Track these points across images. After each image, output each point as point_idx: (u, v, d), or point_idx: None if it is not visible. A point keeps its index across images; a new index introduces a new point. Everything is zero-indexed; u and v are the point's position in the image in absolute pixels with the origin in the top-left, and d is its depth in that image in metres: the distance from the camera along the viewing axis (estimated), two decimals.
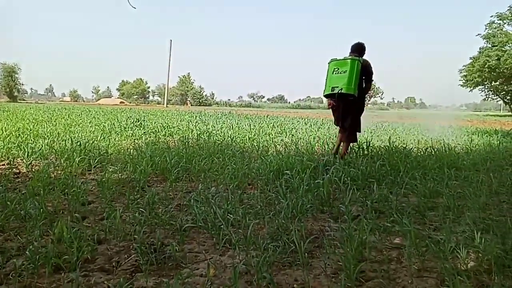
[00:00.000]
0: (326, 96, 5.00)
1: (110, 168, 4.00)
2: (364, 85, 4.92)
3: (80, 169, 4.03)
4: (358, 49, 4.98)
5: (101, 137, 6.51)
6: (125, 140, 6.59)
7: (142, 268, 1.83)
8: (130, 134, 7.26)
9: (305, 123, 12.71)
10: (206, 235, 2.28)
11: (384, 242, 2.21)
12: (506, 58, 41.08)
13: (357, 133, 5.16)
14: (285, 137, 7.65)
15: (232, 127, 9.65)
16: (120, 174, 3.75)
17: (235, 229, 2.31)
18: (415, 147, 6.00)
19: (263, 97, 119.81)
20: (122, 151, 5.13)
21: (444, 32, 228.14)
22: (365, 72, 4.82)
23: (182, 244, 2.14)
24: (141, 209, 2.62)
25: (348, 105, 4.81)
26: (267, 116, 16.89)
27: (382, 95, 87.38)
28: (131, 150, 5.06)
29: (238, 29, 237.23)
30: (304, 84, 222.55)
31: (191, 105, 65.37)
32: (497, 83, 46.72)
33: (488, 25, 45.96)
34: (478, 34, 46.62)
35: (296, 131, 8.98)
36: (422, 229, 2.40)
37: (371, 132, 9.36)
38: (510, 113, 50.77)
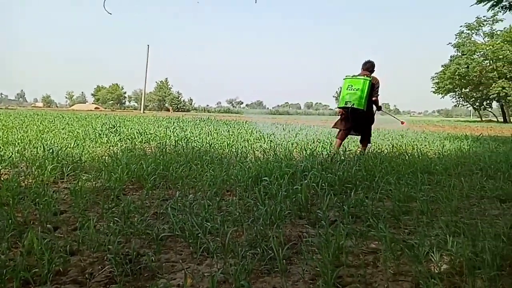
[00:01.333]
0: (340, 108, 6.06)
1: (84, 176, 3.89)
2: (373, 99, 5.89)
3: (52, 177, 3.90)
4: (369, 67, 5.97)
5: (74, 144, 6.33)
6: (100, 147, 6.44)
7: (117, 280, 1.78)
8: (105, 141, 7.10)
9: (283, 129, 12.80)
10: (184, 244, 2.24)
11: (361, 247, 2.24)
12: (474, 66, 42.92)
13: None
14: (264, 143, 7.68)
15: (211, 133, 9.60)
16: (94, 182, 3.65)
17: (213, 237, 2.29)
18: (389, 153, 6.14)
19: (242, 102, 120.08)
20: (97, 158, 5.00)
21: (418, 40, 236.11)
22: (373, 89, 5.78)
23: (158, 253, 2.10)
24: (116, 218, 2.55)
25: (358, 117, 5.88)
26: (245, 122, 16.90)
27: None
28: (106, 158, 4.94)
29: (216, 35, 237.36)
30: (282, 90, 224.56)
31: (174, 111, 64.48)
32: (467, 90, 48.71)
33: (458, 34, 47.95)
34: (449, 43, 48.57)
35: (274, 137, 9.03)
36: (397, 233, 2.45)
37: (348, 138, 9.52)
38: (479, 119, 52.89)
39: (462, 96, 50.76)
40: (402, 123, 8.40)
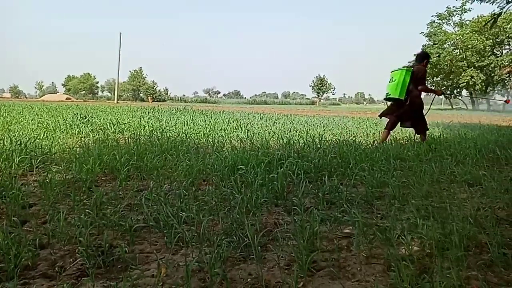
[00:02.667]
0: (384, 99, 6.37)
1: (54, 168, 3.76)
2: (419, 88, 6.06)
3: (20, 170, 3.75)
4: (418, 57, 6.29)
5: (44, 135, 6.09)
6: (71, 138, 6.24)
7: (89, 272, 1.73)
8: (77, 132, 6.89)
9: (260, 118, 12.81)
10: (158, 234, 2.21)
11: (335, 232, 2.28)
12: (445, 55, 44.15)
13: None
14: (241, 132, 7.65)
15: (187, 123, 9.48)
16: (65, 174, 3.53)
17: (189, 227, 2.26)
18: (364, 140, 6.26)
19: (219, 92, 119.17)
20: (68, 149, 4.84)
21: (391, 30, 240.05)
22: (415, 78, 5.95)
23: (132, 245, 2.07)
24: (87, 210, 2.48)
25: (401, 107, 6.08)
26: (222, 112, 16.80)
27: (334, 90, 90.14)
28: (77, 149, 4.79)
29: (192, 24, 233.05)
30: (260, 79, 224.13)
31: (153, 101, 62.84)
32: (438, 78, 50.11)
33: (430, 24, 49.08)
34: (421, 33, 49.68)
35: (251, 126, 9.02)
36: (370, 218, 2.51)
37: (324, 127, 9.64)
38: (450, 107, 54.69)
39: (433, 84, 52.27)
40: (507, 101, 8.24)
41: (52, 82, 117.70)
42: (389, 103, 6.44)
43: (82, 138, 6.10)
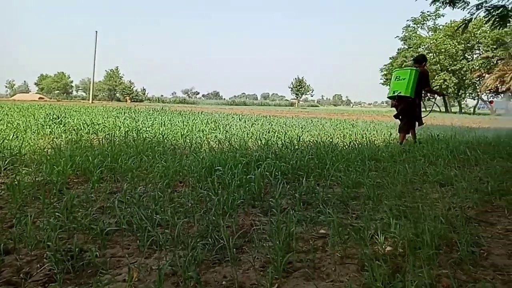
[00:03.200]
0: (389, 97, 6.57)
1: (23, 170, 3.62)
2: (422, 88, 6.37)
3: None
4: (420, 60, 6.57)
5: (14, 136, 5.86)
6: (42, 139, 6.03)
7: (56, 278, 1.66)
8: (49, 132, 6.66)
9: (239, 119, 12.78)
10: (131, 238, 2.15)
11: (311, 232, 2.29)
12: None
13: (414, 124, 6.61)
14: (219, 133, 7.61)
15: (164, 123, 9.35)
16: (34, 176, 3.41)
17: (163, 230, 2.22)
18: (340, 141, 6.35)
19: (198, 93, 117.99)
20: (38, 151, 4.67)
21: (368, 33, 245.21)
22: (421, 79, 6.19)
23: (103, 249, 2.00)
24: (57, 214, 2.39)
25: (407, 105, 6.29)
26: (201, 113, 16.67)
27: (312, 92, 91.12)
28: (49, 150, 4.63)
29: (171, 24, 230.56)
30: (239, 80, 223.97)
31: (132, 101, 61.22)
32: None
33: (405, 28, 50.38)
34: (397, 36, 50.91)
35: (230, 128, 8.99)
36: (345, 218, 2.53)
37: (302, 128, 9.72)
38: (424, 109, 56.20)
39: None
40: (491, 102, 8.62)
41: (24, 81, 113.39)
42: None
43: (54, 139, 5.90)
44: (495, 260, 1.93)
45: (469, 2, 7.39)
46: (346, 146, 5.47)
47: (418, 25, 49.85)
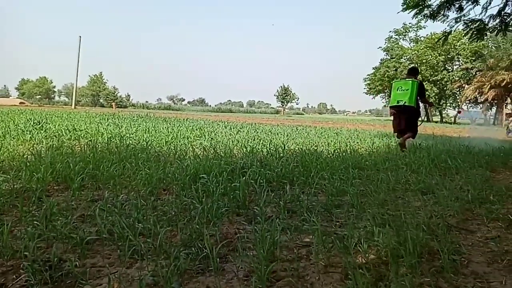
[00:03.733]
0: (391, 107, 6.91)
1: (1, 177, 3.50)
2: (420, 99, 6.82)
3: None
4: (414, 72, 7.09)
5: None
6: (22, 145, 5.87)
7: None
8: (29, 138, 6.49)
9: (225, 126, 12.76)
10: (112, 247, 2.10)
11: (295, 241, 2.28)
12: (402, 70, 46.41)
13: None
14: (204, 140, 7.57)
15: (148, 130, 9.24)
16: (13, 183, 3.30)
17: (145, 239, 2.18)
18: (325, 149, 6.40)
19: (183, 99, 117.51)
20: (18, 157, 4.55)
21: (352, 44, 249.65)
22: (420, 90, 6.69)
23: (83, 258, 1.95)
24: (36, 222, 2.32)
25: (410, 114, 6.77)
26: (186, 119, 16.58)
27: (297, 100, 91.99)
28: (29, 156, 4.51)
29: (156, 29, 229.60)
30: (225, 87, 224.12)
31: (118, 107, 59.96)
32: None
33: (387, 39, 51.54)
34: (379, 47, 52.05)
35: (215, 135, 8.95)
36: (329, 226, 2.54)
37: (287, 136, 9.76)
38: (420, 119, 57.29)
39: (391, 96, 54.57)
40: (459, 112, 9.06)
41: (4, 86, 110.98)
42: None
43: (35, 145, 5.75)
44: (475, 268, 1.96)
45: (449, 16, 7.63)
46: (331, 154, 5.51)
47: (400, 37, 51.12)
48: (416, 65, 45.72)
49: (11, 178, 3.45)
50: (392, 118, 7.15)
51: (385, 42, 51.52)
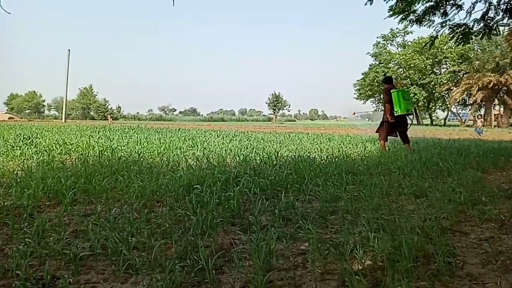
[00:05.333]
0: (401, 114, 7.36)
1: None
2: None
3: None
4: (391, 80, 7.95)
5: None
6: (12, 161, 5.79)
7: None
8: (19, 154, 6.41)
9: (217, 135, 12.75)
10: (106, 262, 2.07)
11: (291, 249, 2.27)
12: (391, 74, 46.95)
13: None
14: (197, 150, 7.55)
15: (140, 142, 9.19)
16: (3, 201, 3.25)
17: (139, 253, 2.15)
18: (318, 155, 6.42)
19: (175, 110, 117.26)
20: (8, 173, 4.48)
21: (341, 50, 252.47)
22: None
23: (77, 275, 1.92)
24: (28, 239, 2.29)
25: (405, 120, 7.63)
26: (178, 130, 16.53)
27: (289, 107, 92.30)
28: (19, 172, 4.45)
29: (145, 40, 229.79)
30: (216, 96, 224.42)
31: (113, 120, 59.07)
32: None
33: (375, 45, 52.18)
34: (368, 53, 52.63)
35: (208, 144, 8.93)
36: (324, 233, 2.54)
37: (280, 143, 9.78)
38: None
39: (381, 101, 55.08)
40: (353, 113, 9.40)
41: None
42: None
43: (25, 161, 5.68)
44: (471, 270, 1.97)
45: (434, 21, 7.76)
46: (324, 160, 5.53)
47: (388, 42, 51.76)
48: (404, 69, 46.39)
49: (1, 195, 3.41)
50: (385, 122, 7.58)
51: (373, 48, 52.20)
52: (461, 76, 43.38)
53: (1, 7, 3.46)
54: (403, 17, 7.75)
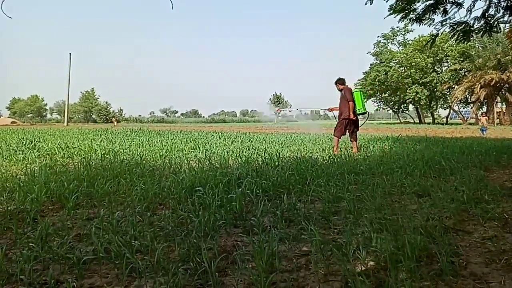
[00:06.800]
0: (361, 113, 8.02)
1: None
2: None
3: None
4: (343, 80, 8.24)
5: None
6: (14, 165, 5.82)
7: None
8: (22, 158, 6.43)
9: (219, 137, 12.76)
10: (109, 266, 2.08)
11: (294, 251, 2.27)
12: (392, 73, 46.88)
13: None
14: (199, 152, 7.56)
15: (142, 144, 9.21)
16: (7, 205, 3.27)
17: (142, 256, 2.16)
18: (320, 156, 6.42)
19: (176, 112, 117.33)
20: (10, 178, 4.50)
21: (341, 50, 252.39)
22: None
23: (81, 279, 1.92)
24: (31, 244, 2.30)
25: (358, 119, 8.14)
26: (180, 132, 16.56)
27: (290, 108, 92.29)
28: (22, 176, 4.47)
29: (146, 42, 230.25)
30: (217, 97, 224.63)
31: (118, 122, 59.13)
32: (386, 94, 52.96)
33: (376, 44, 52.13)
34: (368, 52, 52.59)
35: (210, 146, 8.94)
36: (327, 234, 2.54)
37: (281, 144, 9.78)
38: (398, 121, 57.88)
39: (382, 100, 55.09)
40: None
41: None
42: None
43: (28, 165, 5.70)
44: (474, 269, 1.97)
45: (434, 19, 7.75)
46: (326, 161, 5.53)
47: (389, 41, 51.73)
48: (405, 68, 46.28)
49: (4, 200, 3.42)
50: (349, 119, 7.94)
51: (374, 47, 52.16)
52: (463, 74, 43.27)
53: (2, 12, 3.47)
54: (403, 15, 7.74)
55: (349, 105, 7.80)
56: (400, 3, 7.45)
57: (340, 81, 8.27)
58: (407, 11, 7.64)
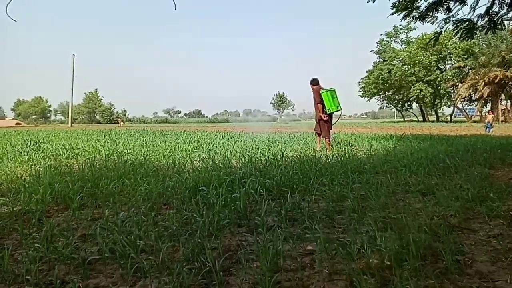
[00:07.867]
0: (333, 111, 8.00)
1: (0, 200, 3.49)
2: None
3: None
4: (318, 82, 8.24)
5: None
6: (19, 166, 5.85)
7: None
8: (26, 160, 6.47)
9: (222, 137, 12.76)
10: (114, 266, 2.09)
11: (298, 250, 2.27)
12: (395, 72, 46.65)
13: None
14: (203, 152, 7.56)
15: (146, 145, 9.24)
16: (12, 206, 3.29)
17: (147, 256, 2.16)
18: (323, 155, 6.40)
19: (180, 112, 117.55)
20: (16, 179, 4.53)
21: (344, 48, 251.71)
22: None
23: (86, 279, 1.93)
24: (37, 245, 2.31)
25: (332, 118, 8.23)
26: (183, 132, 16.58)
27: (293, 107, 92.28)
28: (27, 178, 4.50)
29: (149, 43, 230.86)
30: (220, 97, 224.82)
31: (124, 122, 59.30)
32: (390, 93, 52.74)
33: (379, 42, 51.91)
34: (372, 50, 52.41)
35: (213, 146, 8.95)
36: (331, 233, 2.54)
37: (285, 143, 9.77)
38: (402, 119, 57.66)
39: (386, 98, 54.87)
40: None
41: (0, 107, 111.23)
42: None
43: (32, 166, 5.73)
44: (480, 267, 1.96)
45: (437, 17, 7.71)
46: (329, 160, 5.52)
47: (392, 39, 51.49)
48: (409, 66, 46.06)
49: (10, 201, 3.44)
50: (323, 120, 8.04)
51: (377, 45, 51.95)
52: (467, 71, 42.98)
53: (6, 15, 3.49)
54: (406, 13, 7.71)
55: (318, 107, 8.07)
56: (403, 1, 7.42)
57: (313, 82, 8.30)
58: (410, 9, 7.61)
